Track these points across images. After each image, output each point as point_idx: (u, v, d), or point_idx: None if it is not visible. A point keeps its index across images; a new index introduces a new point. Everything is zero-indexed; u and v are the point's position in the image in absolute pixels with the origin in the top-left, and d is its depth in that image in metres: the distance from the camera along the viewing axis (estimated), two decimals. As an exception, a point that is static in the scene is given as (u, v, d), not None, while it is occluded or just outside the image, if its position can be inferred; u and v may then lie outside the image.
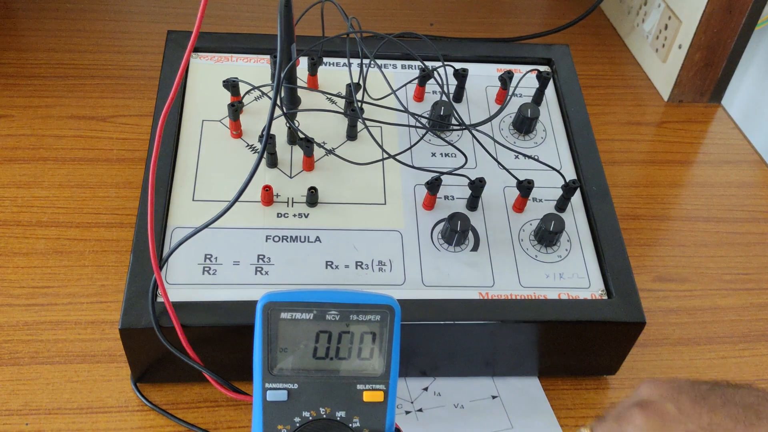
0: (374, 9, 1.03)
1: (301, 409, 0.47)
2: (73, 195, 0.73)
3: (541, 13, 1.08)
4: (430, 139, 0.68)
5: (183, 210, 0.61)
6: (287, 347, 0.47)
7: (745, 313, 0.71)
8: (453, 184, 0.64)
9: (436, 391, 0.61)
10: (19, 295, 0.65)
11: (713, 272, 0.75)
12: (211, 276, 0.57)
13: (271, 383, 0.47)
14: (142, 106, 0.83)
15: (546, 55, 0.77)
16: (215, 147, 0.65)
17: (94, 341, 0.62)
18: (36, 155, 0.77)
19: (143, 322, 0.54)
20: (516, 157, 0.68)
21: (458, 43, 0.78)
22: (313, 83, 0.70)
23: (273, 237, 0.60)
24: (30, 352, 0.61)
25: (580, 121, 0.71)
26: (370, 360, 0.48)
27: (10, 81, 0.85)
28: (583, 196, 0.66)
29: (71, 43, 0.91)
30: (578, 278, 0.61)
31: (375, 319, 0.47)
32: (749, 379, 0.66)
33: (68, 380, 0.59)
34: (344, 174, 0.65)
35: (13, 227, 0.70)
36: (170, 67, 0.70)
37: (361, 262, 0.59)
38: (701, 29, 0.88)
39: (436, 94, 0.72)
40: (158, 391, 0.59)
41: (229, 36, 0.74)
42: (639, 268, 0.73)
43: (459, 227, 0.60)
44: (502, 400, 0.61)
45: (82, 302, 0.65)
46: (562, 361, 0.62)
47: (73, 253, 0.68)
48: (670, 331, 0.69)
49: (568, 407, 0.62)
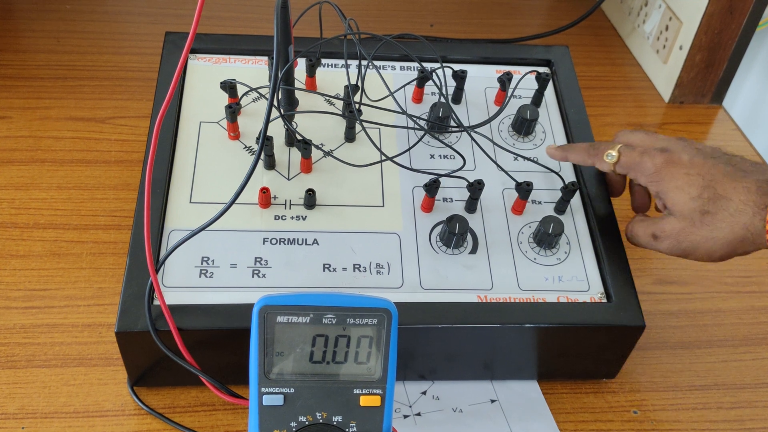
0: (373, 10, 1.03)
1: (297, 414, 0.47)
2: (70, 197, 0.73)
3: (542, 14, 1.08)
4: (429, 141, 0.68)
5: (180, 212, 0.61)
6: (284, 351, 0.47)
7: (745, 316, 0.71)
8: (451, 186, 0.64)
9: (435, 395, 0.61)
10: (16, 297, 0.65)
11: (714, 275, 0.74)
12: (208, 279, 0.57)
13: (268, 387, 0.47)
14: (140, 108, 0.83)
15: (545, 57, 0.77)
16: (213, 149, 0.65)
17: (91, 344, 0.62)
18: (34, 157, 0.76)
19: (140, 326, 0.54)
20: (515, 159, 0.68)
21: (457, 45, 0.78)
22: (312, 85, 0.70)
23: (270, 239, 0.60)
24: (26, 355, 0.61)
25: (579, 122, 0.71)
26: (367, 364, 0.48)
27: (9, 82, 0.85)
28: (582, 199, 0.66)
29: (70, 44, 0.91)
30: (577, 281, 0.61)
31: (372, 322, 0.47)
32: (750, 384, 0.65)
33: (65, 383, 0.59)
34: (342, 176, 0.64)
35: (11, 229, 0.70)
36: (168, 69, 0.70)
37: (358, 265, 0.59)
38: (702, 30, 0.87)
39: (434, 95, 0.72)
40: (155, 395, 0.59)
41: (226, 37, 0.74)
42: (639, 271, 0.73)
43: (457, 230, 0.59)
44: (501, 404, 0.61)
45: (79, 305, 0.64)
46: (561, 365, 0.62)
47: (71, 255, 0.68)
48: (670, 334, 0.69)
49: (567, 411, 0.61)
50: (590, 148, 0.63)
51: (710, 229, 0.55)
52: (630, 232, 0.61)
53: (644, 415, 0.62)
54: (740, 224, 0.53)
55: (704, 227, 0.55)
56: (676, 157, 0.57)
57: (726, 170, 0.55)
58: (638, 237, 0.60)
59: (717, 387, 0.65)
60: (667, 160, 0.57)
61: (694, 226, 0.55)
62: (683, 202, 0.56)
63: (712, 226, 0.54)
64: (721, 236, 0.54)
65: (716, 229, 0.54)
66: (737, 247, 0.55)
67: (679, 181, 0.56)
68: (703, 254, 0.56)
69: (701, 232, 0.55)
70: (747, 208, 0.53)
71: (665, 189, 0.57)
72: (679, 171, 0.57)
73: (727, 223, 0.54)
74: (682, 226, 0.56)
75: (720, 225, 0.54)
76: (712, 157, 0.57)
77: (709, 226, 0.55)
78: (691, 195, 0.55)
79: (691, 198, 0.55)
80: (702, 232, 0.55)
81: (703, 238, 0.55)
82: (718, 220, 0.54)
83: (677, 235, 0.57)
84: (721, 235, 0.54)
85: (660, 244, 0.58)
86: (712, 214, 0.54)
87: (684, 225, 0.56)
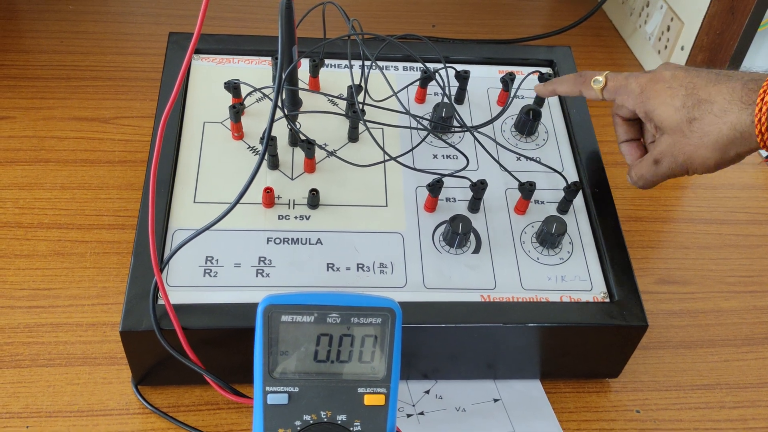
0: (376, 10, 1.03)
1: (302, 413, 0.47)
2: (74, 197, 0.73)
3: (544, 15, 1.08)
4: (432, 141, 0.68)
5: (184, 212, 0.61)
6: (288, 350, 0.47)
7: (748, 315, 0.71)
8: (454, 186, 0.64)
9: (438, 394, 0.61)
10: (20, 297, 0.65)
11: (716, 274, 0.74)
12: (212, 278, 0.57)
13: (272, 386, 0.47)
14: (143, 108, 0.83)
15: (548, 57, 0.77)
16: (216, 149, 0.65)
17: (95, 343, 0.62)
18: (38, 157, 0.77)
19: (144, 325, 0.54)
20: (518, 159, 0.68)
21: (460, 45, 0.78)
22: (315, 85, 0.70)
23: (274, 239, 0.60)
24: (31, 354, 0.61)
25: (581, 122, 0.71)
26: (371, 363, 0.48)
27: (12, 83, 0.85)
28: (585, 198, 0.66)
29: (73, 44, 0.91)
30: (580, 281, 0.61)
31: (376, 322, 0.47)
32: (752, 383, 0.65)
33: (69, 383, 0.59)
34: (345, 176, 0.64)
35: (15, 229, 0.70)
36: (172, 69, 0.70)
37: (362, 265, 0.59)
38: (704, 31, 0.87)
39: (437, 95, 0.72)
40: (159, 394, 0.59)
41: (230, 38, 0.74)
42: (641, 270, 0.73)
43: (460, 229, 0.59)
44: (504, 403, 0.61)
45: (83, 304, 0.65)
46: (563, 364, 0.62)
47: (75, 254, 0.68)
48: (673, 333, 0.69)
49: (570, 410, 0.61)
50: (577, 77, 0.64)
51: (699, 136, 0.55)
52: (635, 175, 0.61)
53: (647, 415, 0.62)
54: (727, 124, 0.53)
55: (693, 135, 0.55)
56: (658, 75, 0.58)
57: (709, 77, 0.55)
58: (644, 173, 0.60)
59: (719, 386, 0.65)
60: (650, 79, 0.58)
61: (685, 137, 0.55)
62: (669, 116, 0.56)
63: (700, 132, 0.54)
64: (710, 141, 0.54)
65: (704, 135, 0.54)
66: (728, 149, 0.54)
67: (663, 95, 0.56)
68: (699, 165, 0.56)
69: (692, 140, 0.55)
70: (732, 106, 0.53)
71: (652, 107, 0.57)
72: (662, 86, 0.57)
73: (714, 126, 0.54)
74: (674, 140, 0.56)
75: (707, 129, 0.54)
76: (695, 69, 0.57)
77: (697, 133, 0.55)
78: (675, 106, 0.56)
79: (675, 109, 0.56)
80: (692, 140, 0.55)
81: (694, 146, 0.55)
82: (705, 125, 0.54)
83: (672, 150, 0.57)
84: (709, 140, 0.54)
85: (662, 167, 0.58)
86: (698, 120, 0.54)
87: (675, 138, 0.56)
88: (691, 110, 0.55)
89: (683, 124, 0.55)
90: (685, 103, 0.55)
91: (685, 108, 0.55)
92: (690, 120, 0.55)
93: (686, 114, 0.55)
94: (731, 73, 0.55)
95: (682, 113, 0.55)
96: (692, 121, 0.55)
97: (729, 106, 0.53)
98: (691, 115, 0.55)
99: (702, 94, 0.54)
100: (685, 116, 0.55)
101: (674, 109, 0.56)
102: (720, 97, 0.54)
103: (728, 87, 0.54)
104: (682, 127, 0.55)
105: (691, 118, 0.55)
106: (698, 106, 0.54)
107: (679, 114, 0.55)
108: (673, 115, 0.56)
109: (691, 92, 0.55)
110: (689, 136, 0.55)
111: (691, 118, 0.55)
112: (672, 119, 0.56)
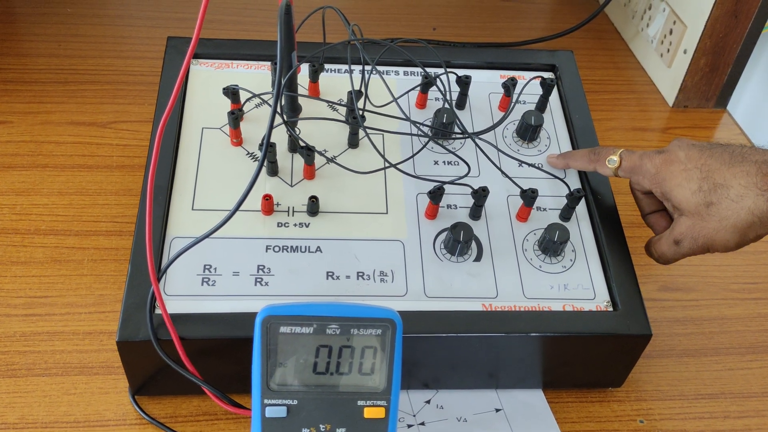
0: (376, 15, 1.02)
1: (300, 426, 0.47)
2: (72, 202, 0.73)
3: (545, 18, 1.07)
4: (433, 148, 0.67)
5: (182, 219, 0.60)
6: (287, 362, 0.47)
7: (752, 323, 0.70)
8: (456, 193, 0.64)
9: (439, 404, 0.60)
10: (16, 305, 0.64)
11: (720, 282, 0.74)
12: (211, 287, 0.57)
13: (270, 399, 0.47)
14: (141, 112, 0.82)
15: (550, 61, 0.76)
16: (215, 155, 0.65)
17: (92, 352, 0.61)
18: (35, 162, 0.76)
19: (141, 335, 0.53)
20: (519, 165, 0.67)
21: (461, 50, 0.77)
22: (315, 90, 0.69)
23: (273, 247, 0.59)
24: (27, 364, 0.60)
25: (584, 128, 0.71)
26: (371, 375, 0.47)
27: (10, 86, 0.84)
28: (587, 205, 0.65)
29: (71, 48, 0.90)
30: (583, 289, 0.60)
31: (376, 333, 0.46)
32: (757, 392, 0.65)
33: (65, 393, 0.59)
34: (345, 183, 0.64)
35: (12, 235, 0.69)
36: (170, 74, 0.69)
37: (362, 273, 0.59)
38: (707, 34, 0.87)
39: (438, 101, 0.71)
40: (156, 404, 0.58)
41: (229, 42, 0.73)
42: (644, 278, 0.72)
43: (462, 237, 0.59)
44: (505, 413, 0.60)
45: (80, 312, 0.64)
46: (566, 374, 0.61)
47: (72, 261, 0.68)
48: (676, 341, 0.68)
49: (572, 420, 0.61)
50: (591, 153, 0.63)
51: (718, 219, 0.55)
52: (656, 252, 0.61)
53: (651, 425, 0.61)
54: (744, 209, 0.53)
55: (712, 219, 0.55)
56: (673, 155, 0.58)
57: (723, 158, 0.55)
58: (664, 252, 0.60)
59: (724, 396, 0.64)
60: (664, 160, 0.58)
61: (704, 220, 0.55)
62: (686, 198, 0.56)
63: (718, 216, 0.55)
64: (729, 225, 0.54)
65: (723, 219, 0.54)
66: (747, 233, 0.55)
67: (679, 177, 0.56)
68: (720, 246, 0.56)
69: (711, 224, 0.55)
70: (748, 192, 0.53)
71: (668, 188, 0.57)
72: (677, 168, 0.57)
73: (732, 211, 0.54)
74: (693, 222, 0.56)
75: (725, 213, 0.54)
76: (709, 148, 0.57)
77: (716, 217, 0.55)
78: (692, 189, 0.56)
79: (692, 192, 0.56)
80: (711, 224, 0.55)
81: (714, 229, 0.55)
82: (723, 209, 0.54)
83: (692, 233, 0.57)
84: (728, 223, 0.54)
85: (682, 248, 0.58)
86: (715, 204, 0.54)
87: (694, 221, 0.56)
88: (708, 195, 0.55)
89: (701, 207, 0.55)
90: (702, 187, 0.55)
91: (701, 192, 0.55)
92: (708, 204, 0.55)
93: (703, 198, 0.55)
94: (745, 151, 0.55)
95: (699, 197, 0.55)
96: (710, 206, 0.55)
97: (745, 191, 0.53)
98: (709, 199, 0.55)
99: (717, 178, 0.54)
100: (702, 200, 0.55)
101: (691, 192, 0.56)
102: (735, 181, 0.54)
103: (743, 170, 0.54)
104: (701, 210, 0.55)
105: (708, 202, 0.55)
106: (715, 191, 0.54)
107: (696, 197, 0.55)
108: (690, 198, 0.56)
109: (707, 175, 0.55)
110: (708, 220, 0.55)
111: (709, 203, 0.55)
112: (690, 202, 0.56)
